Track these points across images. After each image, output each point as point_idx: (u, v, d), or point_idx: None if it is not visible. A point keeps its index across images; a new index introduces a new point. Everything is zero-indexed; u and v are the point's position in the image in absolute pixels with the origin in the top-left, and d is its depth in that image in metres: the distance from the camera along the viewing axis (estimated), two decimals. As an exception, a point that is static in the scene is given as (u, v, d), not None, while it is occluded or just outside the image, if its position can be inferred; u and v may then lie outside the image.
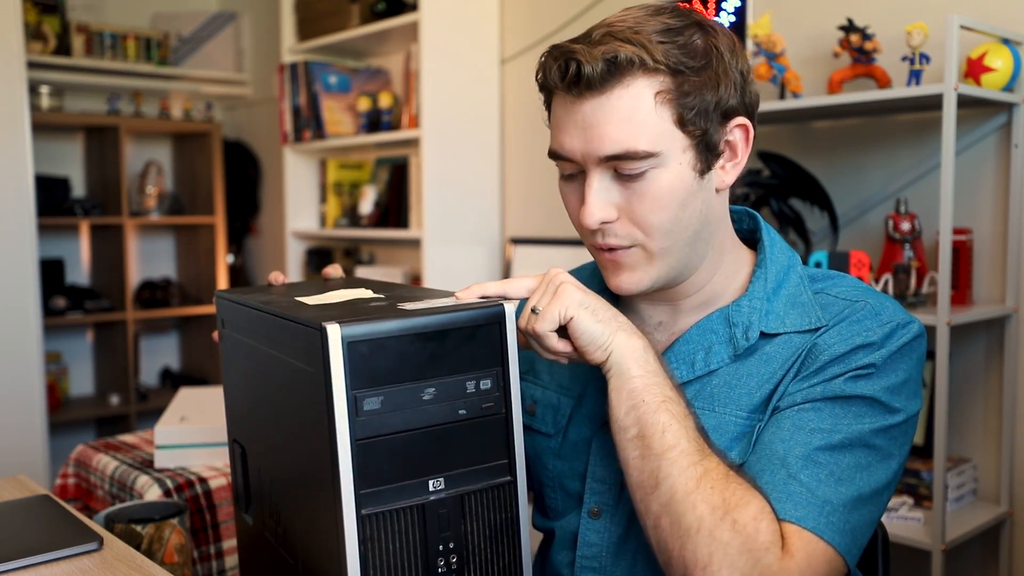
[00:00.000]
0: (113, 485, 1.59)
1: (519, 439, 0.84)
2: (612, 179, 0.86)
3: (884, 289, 1.78)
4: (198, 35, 3.89)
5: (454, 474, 0.80)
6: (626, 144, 0.83)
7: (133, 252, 3.81)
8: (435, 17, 2.65)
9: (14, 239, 2.72)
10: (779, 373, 0.89)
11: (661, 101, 0.83)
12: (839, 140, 2.05)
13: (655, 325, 0.98)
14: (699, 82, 0.84)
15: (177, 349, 4.07)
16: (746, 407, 0.89)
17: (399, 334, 0.77)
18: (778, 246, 0.97)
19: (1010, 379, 1.79)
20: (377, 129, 2.95)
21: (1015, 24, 1.75)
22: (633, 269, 0.89)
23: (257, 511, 0.99)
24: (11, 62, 2.69)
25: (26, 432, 2.75)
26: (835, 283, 0.94)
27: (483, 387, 0.82)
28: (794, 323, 0.90)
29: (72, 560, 0.97)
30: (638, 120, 0.83)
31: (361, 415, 0.75)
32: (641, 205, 0.85)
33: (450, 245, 2.75)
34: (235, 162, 3.95)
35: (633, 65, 0.82)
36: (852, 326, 0.87)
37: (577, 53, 0.83)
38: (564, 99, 0.86)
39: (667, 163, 0.85)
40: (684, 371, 0.92)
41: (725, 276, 0.95)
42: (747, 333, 0.90)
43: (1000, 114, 1.80)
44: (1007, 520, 1.81)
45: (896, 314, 0.88)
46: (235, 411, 1.04)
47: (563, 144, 0.87)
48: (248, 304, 0.94)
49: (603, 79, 0.82)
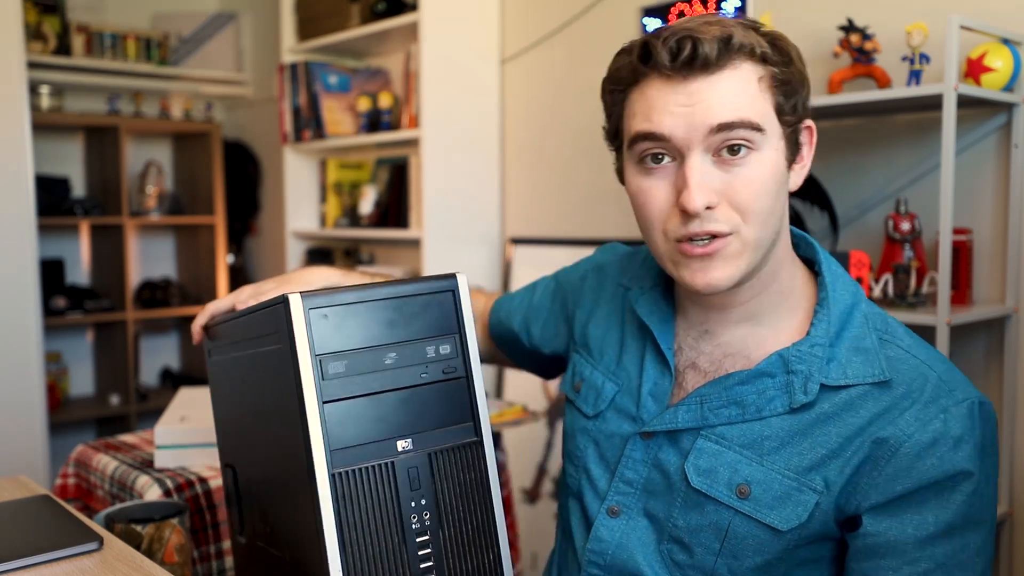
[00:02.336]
0: (113, 485, 1.59)
1: (482, 401, 0.89)
2: (712, 164, 0.85)
3: (884, 289, 1.78)
4: (198, 35, 3.89)
5: (421, 434, 0.85)
6: (738, 112, 0.83)
7: (133, 252, 3.81)
8: (435, 17, 2.65)
9: (14, 239, 2.73)
10: (836, 440, 0.85)
11: (764, 87, 0.85)
12: (839, 140, 2.05)
13: (701, 332, 0.96)
14: (790, 74, 0.86)
15: (177, 349, 4.07)
16: (795, 467, 0.86)
17: (358, 301, 0.83)
18: (841, 281, 0.93)
19: (1010, 379, 1.79)
20: (377, 129, 2.95)
21: (1015, 24, 1.75)
22: (727, 261, 0.86)
23: (249, 525, 1.01)
24: (11, 62, 2.69)
25: (26, 432, 2.75)
26: (898, 329, 0.91)
27: (443, 352, 0.87)
28: (857, 372, 0.87)
29: (72, 560, 0.97)
30: (747, 96, 0.84)
31: (327, 378, 0.80)
32: (745, 189, 0.84)
33: (450, 245, 2.75)
34: (235, 162, 3.95)
35: (744, 49, 0.83)
36: (929, 407, 0.83)
37: (692, 31, 0.82)
38: (666, 81, 0.84)
39: (766, 147, 0.85)
40: (734, 412, 0.89)
41: (779, 291, 0.93)
42: (806, 386, 0.87)
43: (1000, 114, 1.80)
44: (1007, 520, 1.81)
45: (968, 390, 0.86)
46: (225, 435, 1.07)
47: (662, 123, 0.84)
48: (227, 318, 1.01)
49: (718, 58, 0.82)
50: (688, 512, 0.90)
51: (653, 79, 0.85)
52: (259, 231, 4.05)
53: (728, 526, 0.88)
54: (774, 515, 0.86)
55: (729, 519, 0.88)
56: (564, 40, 2.64)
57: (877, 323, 0.91)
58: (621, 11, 2.45)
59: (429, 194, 2.68)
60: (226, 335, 1.01)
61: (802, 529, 0.86)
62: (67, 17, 3.52)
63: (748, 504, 0.87)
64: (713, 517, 0.88)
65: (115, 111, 3.67)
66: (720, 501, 0.88)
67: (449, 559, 0.85)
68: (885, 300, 1.78)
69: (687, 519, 0.90)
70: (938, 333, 1.61)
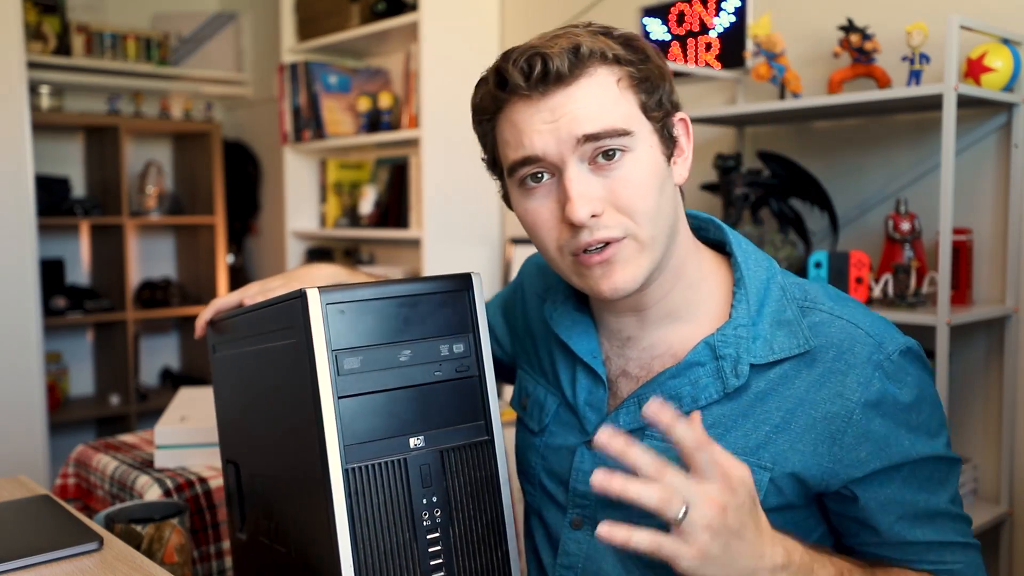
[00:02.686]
0: (113, 485, 1.59)
1: (494, 400, 0.89)
2: (590, 172, 0.84)
3: (884, 289, 1.78)
4: (198, 35, 3.89)
5: (433, 432, 0.85)
6: (602, 122, 0.83)
7: (133, 252, 3.81)
8: (435, 17, 2.65)
9: (14, 239, 2.73)
10: (776, 415, 0.87)
11: (624, 87, 0.85)
12: (839, 140, 2.05)
13: (624, 340, 0.96)
14: (648, 72, 0.87)
15: (177, 349, 4.07)
16: (742, 449, 0.87)
17: (374, 298, 0.83)
18: (752, 257, 0.94)
19: (1010, 379, 1.79)
20: (377, 129, 2.95)
21: (1015, 24, 1.75)
22: (626, 264, 0.86)
23: (251, 521, 1.00)
24: (11, 62, 2.69)
25: (26, 432, 2.75)
26: (817, 293, 0.92)
27: (456, 351, 0.87)
28: (783, 346, 0.88)
29: (72, 560, 0.97)
30: (609, 102, 0.84)
31: (342, 374, 0.80)
32: (625, 191, 0.84)
33: (450, 245, 2.75)
34: (235, 162, 3.95)
35: (594, 56, 0.84)
36: (864, 368, 0.86)
37: (539, 48, 0.83)
38: (526, 101, 0.84)
39: (639, 146, 0.85)
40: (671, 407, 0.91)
41: (690, 284, 0.93)
42: (736, 367, 0.88)
43: (1000, 114, 1.80)
44: (1007, 520, 1.81)
45: (895, 339, 0.88)
46: (227, 430, 1.07)
47: (532, 144, 0.84)
48: (234, 313, 1.01)
49: (570, 70, 0.83)
50: (646, 515, 0.90)
51: (515, 102, 0.85)
52: (259, 231, 4.05)
53: None
54: None
55: None
56: (564, 40, 2.64)
57: (795, 292, 0.92)
58: (621, 11, 2.45)
59: (429, 194, 2.68)
60: (234, 330, 1.01)
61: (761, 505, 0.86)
62: (67, 17, 3.52)
63: None
64: None
65: (115, 111, 3.67)
66: None
67: (458, 557, 0.85)
68: (885, 300, 1.78)
69: (647, 520, 0.90)
70: (938, 333, 1.61)
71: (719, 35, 2.25)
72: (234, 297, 1.09)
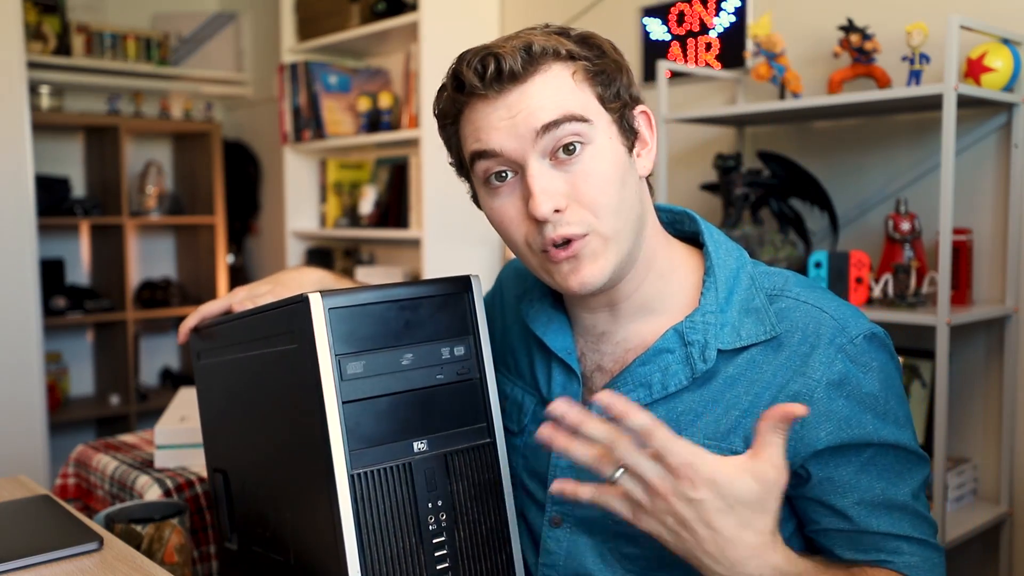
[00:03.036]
0: (113, 485, 1.59)
1: (495, 403, 0.89)
2: (551, 167, 0.85)
3: (884, 289, 1.78)
4: (198, 35, 3.89)
5: (436, 436, 0.85)
6: (558, 109, 0.84)
7: (133, 252, 3.81)
8: (435, 17, 2.65)
9: (14, 239, 2.73)
10: (745, 399, 0.88)
11: (579, 80, 0.86)
12: (839, 140, 2.05)
13: (598, 335, 0.97)
14: (604, 66, 0.88)
15: (177, 349, 4.07)
16: (714, 434, 0.88)
17: (376, 302, 0.83)
18: (723, 247, 0.95)
19: (1010, 379, 1.79)
20: (377, 129, 2.95)
21: (1015, 24, 1.75)
22: (593, 259, 0.86)
23: (242, 530, 1.00)
24: (11, 62, 2.69)
25: (26, 432, 2.75)
26: (786, 280, 0.94)
27: (457, 353, 0.87)
28: (750, 332, 0.89)
29: (72, 560, 0.97)
30: (564, 93, 0.85)
31: (346, 379, 0.80)
32: (586, 185, 0.85)
33: (450, 245, 2.75)
34: (235, 162, 3.95)
35: (547, 53, 0.85)
36: (827, 349, 0.87)
37: (492, 49, 0.84)
38: (484, 100, 0.86)
39: (598, 137, 0.86)
40: (642, 394, 0.91)
41: (661, 276, 0.94)
42: (704, 353, 0.89)
43: (1000, 114, 1.80)
44: (1007, 520, 1.81)
45: (860, 324, 0.89)
46: (215, 439, 1.06)
47: (490, 140, 0.85)
48: (226, 319, 1.00)
49: (524, 67, 0.84)
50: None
51: (474, 103, 0.87)
52: (259, 231, 4.05)
53: None
54: None
55: None
56: (564, 40, 2.64)
57: (764, 282, 0.93)
58: (621, 11, 2.45)
59: (429, 194, 2.68)
60: (225, 336, 1.00)
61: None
62: (67, 17, 3.52)
63: None
64: None
65: (115, 111, 3.67)
66: None
67: (464, 560, 0.85)
68: (885, 300, 1.79)
69: (621, 524, 0.90)
70: (938, 333, 1.61)
71: (719, 35, 2.25)
72: (221, 303, 1.08)
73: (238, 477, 1.00)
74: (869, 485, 0.88)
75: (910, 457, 0.90)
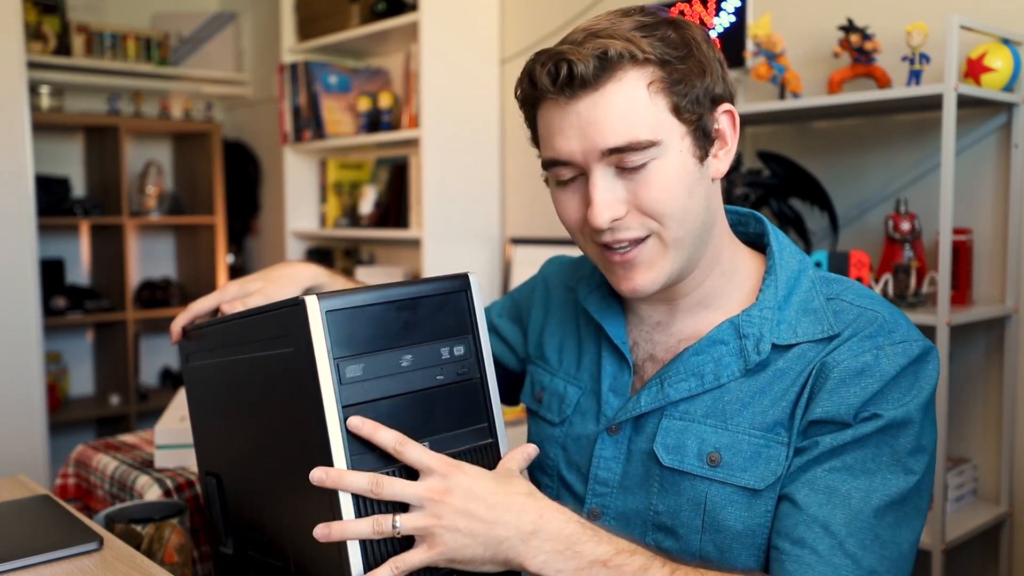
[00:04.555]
0: (113, 485, 1.59)
1: (496, 402, 0.88)
2: (615, 175, 0.85)
3: (884, 289, 1.78)
4: (198, 35, 3.89)
5: (438, 438, 0.84)
6: (628, 135, 0.82)
7: (133, 252, 3.81)
8: (435, 17, 2.65)
9: (14, 239, 2.72)
10: (793, 390, 0.87)
11: (654, 91, 0.83)
12: (839, 140, 2.05)
13: (653, 325, 0.97)
14: (686, 70, 0.84)
15: (177, 349, 4.06)
16: (760, 426, 0.87)
17: (373, 303, 0.81)
18: (788, 250, 0.95)
19: (1010, 379, 1.79)
20: (377, 129, 2.95)
21: (1015, 24, 1.75)
22: (649, 266, 0.87)
23: (236, 536, 0.99)
24: (11, 62, 2.69)
25: (26, 432, 2.75)
26: (847, 288, 0.92)
27: (457, 353, 0.86)
28: (807, 331, 0.88)
29: (72, 560, 0.97)
30: (636, 111, 0.83)
31: (345, 382, 0.78)
32: (649, 195, 0.84)
33: (450, 245, 2.75)
34: (235, 162, 3.95)
35: (623, 59, 0.82)
36: (864, 342, 0.85)
37: (566, 53, 0.83)
38: (556, 103, 0.85)
39: (668, 152, 0.84)
40: (693, 384, 0.91)
41: (723, 274, 0.94)
42: (759, 346, 0.89)
43: (1000, 114, 1.80)
44: (1007, 520, 1.81)
45: (909, 332, 0.87)
46: (206, 443, 1.05)
47: (560, 148, 0.86)
48: (216, 322, 0.99)
49: (596, 75, 0.82)
50: (666, 495, 0.90)
51: (546, 101, 0.86)
52: (259, 231, 4.05)
53: (705, 498, 0.88)
54: (748, 476, 0.86)
55: (705, 490, 0.88)
56: (564, 40, 2.64)
57: (824, 287, 0.92)
58: (621, 11, 2.45)
59: (429, 194, 2.68)
60: (216, 338, 0.98)
61: (778, 485, 0.86)
62: (67, 17, 3.52)
63: (721, 471, 0.87)
64: (690, 493, 0.89)
65: (115, 111, 3.67)
66: (693, 474, 0.88)
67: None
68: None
69: (666, 503, 0.90)
70: (938, 333, 1.61)
71: (719, 35, 2.25)
72: (211, 300, 1.07)
73: (232, 481, 0.99)
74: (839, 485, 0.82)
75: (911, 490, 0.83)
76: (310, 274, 1.16)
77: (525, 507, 0.80)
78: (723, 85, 0.88)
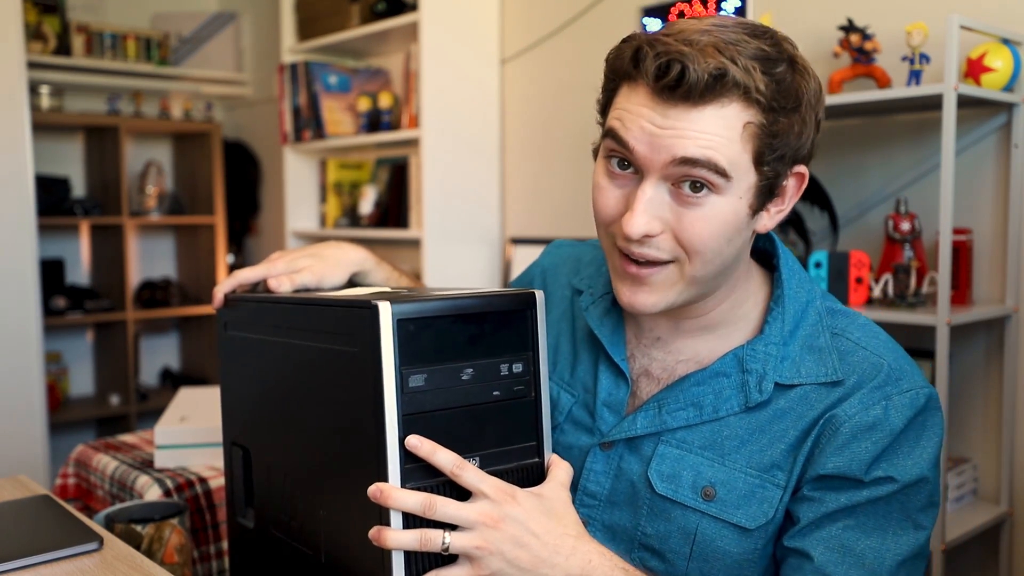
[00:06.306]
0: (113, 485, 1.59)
1: (547, 422, 0.87)
2: (667, 193, 0.82)
3: (884, 289, 1.78)
4: (198, 35, 3.89)
5: (487, 453, 0.83)
6: (709, 152, 0.78)
7: (133, 252, 3.81)
8: (435, 17, 2.65)
9: (14, 239, 2.72)
10: (792, 432, 0.86)
11: (748, 134, 0.80)
12: (839, 140, 2.05)
13: (653, 340, 0.96)
14: (787, 124, 0.81)
15: (177, 349, 4.07)
16: (757, 466, 0.87)
17: (443, 314, 0.80)
18: (797, 278, 0.92)
19: (1010, 379, 1.79)
20: (377, 129, 2.95)
21: (1015, 24, 1.75)
22: (655, 289, 0.85)
23: (261, 511, 0.99)
24: (11, 62, 2.69)
25: (26, 432, 2.75)
26: (851, 322, 0.91)
27: (515, 370, 0.85)
28: (810, 372, 0.87)
29: (72, 560, 0.97)
30: (724, 140, 0.79)
31: (407, 392, 0.78)
32: (693, 228, 0.81)
33: (450, 245, 2.75)
34: (235, 162, 3.95)
35: (738, 88, 0.78)
36: (873, 393, 0.85)
37: (687, 57, 0.77)
38: (647, 93, 0.80)
39: (730, 193, 0.81)
40: (691, 414, 0.90)
41: (732, 305, 0.92)
42: (761, 384, 0.87)
43: (1000, 114, 1.80)
44: (1007, 520, 1.81)
45: (914, 379, 0.86)
46: (237, 413, 1.04)
47: (630, 134, 0.81)
48: (272, 300, 0.96)
49: (704, 92, 0.77)
50: (655, 520, 0.90)
51: (640, 84, 0.81)
52: (259, 231, 4.05)
53: (696, 530, 0.87)
54: (740, 514, 0.86)
55: (696, 522, 0.88)
56: (564, 40, 2.64)
57: (830, 320, 0.91)
58: (621, 11, 2.45)
59: (429, 194, 2.68)
60: (267, 314, 0.96)
61: (769, 526, 0.86)
62: (67, 17, 3.52)
63: (715, 506, 0.87)
64: (681, 522, 0.88)
65: (115, 111, 3.67)
66: (686, 505, 0.88)
67: None
68: (885, 300, 1.78)
69: (655, 527, 0.90)
70: (938, 333, 1.61)
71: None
72: (259, 270, 1.02)
73: (262, 457, 0.98)
74: (853, 544, 0.83)
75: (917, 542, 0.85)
76: (359, 258, 1.13)
77: (575, 551, 0.79)
78: (809, 147, 0.85)
